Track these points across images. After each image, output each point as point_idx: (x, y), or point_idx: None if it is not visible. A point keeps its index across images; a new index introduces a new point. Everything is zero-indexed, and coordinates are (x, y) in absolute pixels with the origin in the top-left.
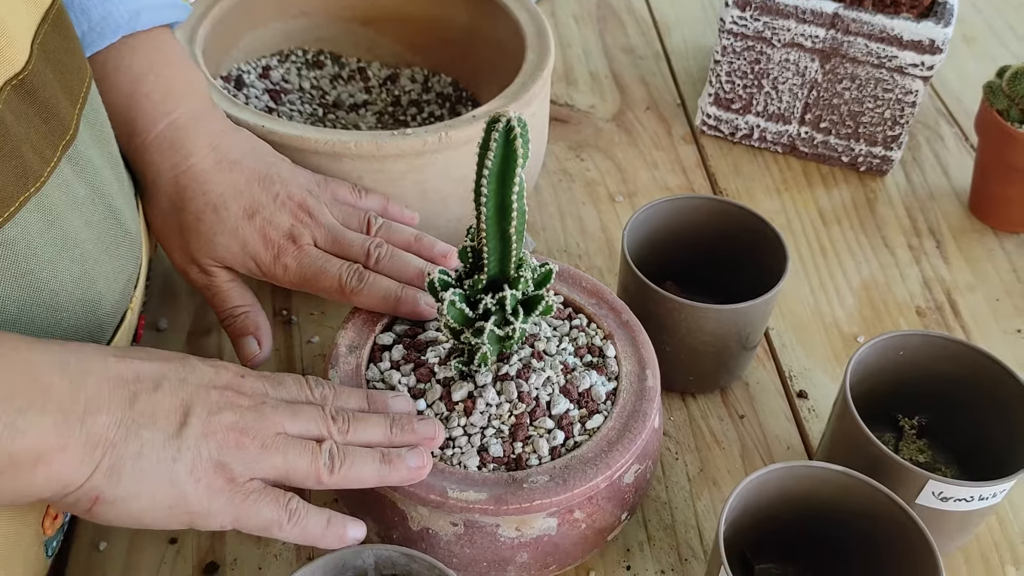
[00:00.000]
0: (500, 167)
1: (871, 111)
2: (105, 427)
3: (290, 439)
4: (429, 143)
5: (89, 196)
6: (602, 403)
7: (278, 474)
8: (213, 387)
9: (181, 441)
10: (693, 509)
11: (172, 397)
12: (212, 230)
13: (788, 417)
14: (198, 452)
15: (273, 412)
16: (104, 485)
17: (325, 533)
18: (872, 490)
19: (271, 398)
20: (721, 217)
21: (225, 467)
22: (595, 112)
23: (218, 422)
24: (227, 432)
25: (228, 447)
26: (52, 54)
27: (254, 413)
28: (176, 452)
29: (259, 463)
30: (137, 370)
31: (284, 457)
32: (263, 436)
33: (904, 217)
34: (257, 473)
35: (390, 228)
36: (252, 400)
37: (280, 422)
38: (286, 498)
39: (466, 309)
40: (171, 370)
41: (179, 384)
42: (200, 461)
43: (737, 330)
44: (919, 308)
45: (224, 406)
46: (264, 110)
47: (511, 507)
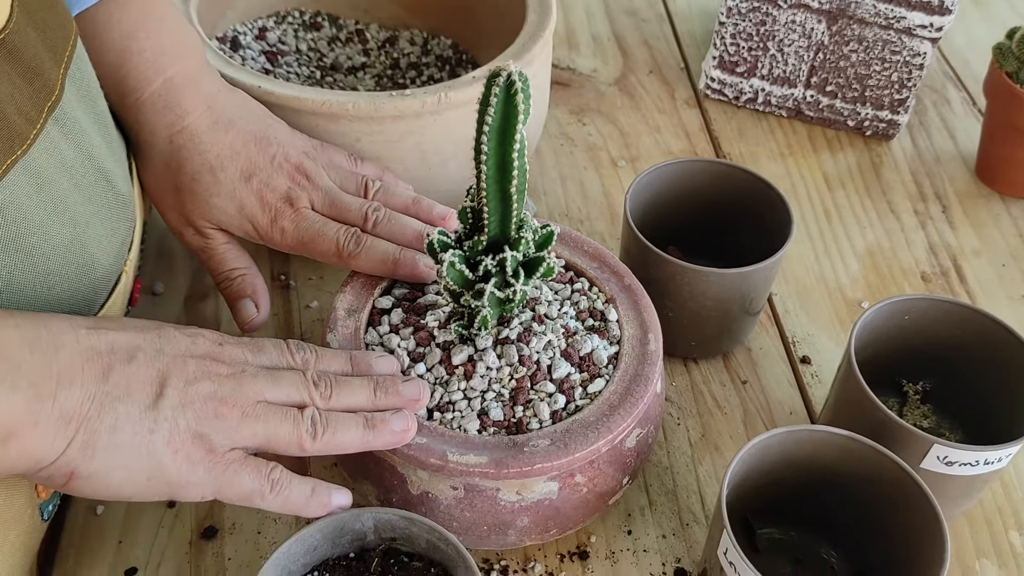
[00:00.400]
0: (501, 123)
1: (878, 74)
2: (78, 401)
3: (271, 407)
4: (428, 104)
5: (78, 158)
6: (604, 367)
7: (259, 443)
8: (190, 356)
9: (158, 412)
10: (695, 474)
11: (147, 368)
12: (208, 192)
13: (791, 382)
14: (175, 423)
15: (253, 380)
16: (78, 460)
17: (309, 502)
18: (876, 454)
19: (251, 366)
20: (725, 181)
21: (204, 437)
22: (597, 76)
23: (195, 392)
24: (205, 402)
25: (206, 417)
26: (34, 12)
27: (233, 382)
28: (153, 424)
29: (239, 432)
30: (110, 342)
31: (265, 425)
32: (243, 405)
33: (910, 182)
34: (237, 443)
35: (387, 191)
36: (231, 368)
37: (260, 390)
38: (268, 467)
39: (466, 271)
40: (146, 341)
41: (154, 355)
42: (178, 432)
43: (740, 295)
44: (924, 273)
45: (202, 376)
46: (260, 72)
47: (512, 471)
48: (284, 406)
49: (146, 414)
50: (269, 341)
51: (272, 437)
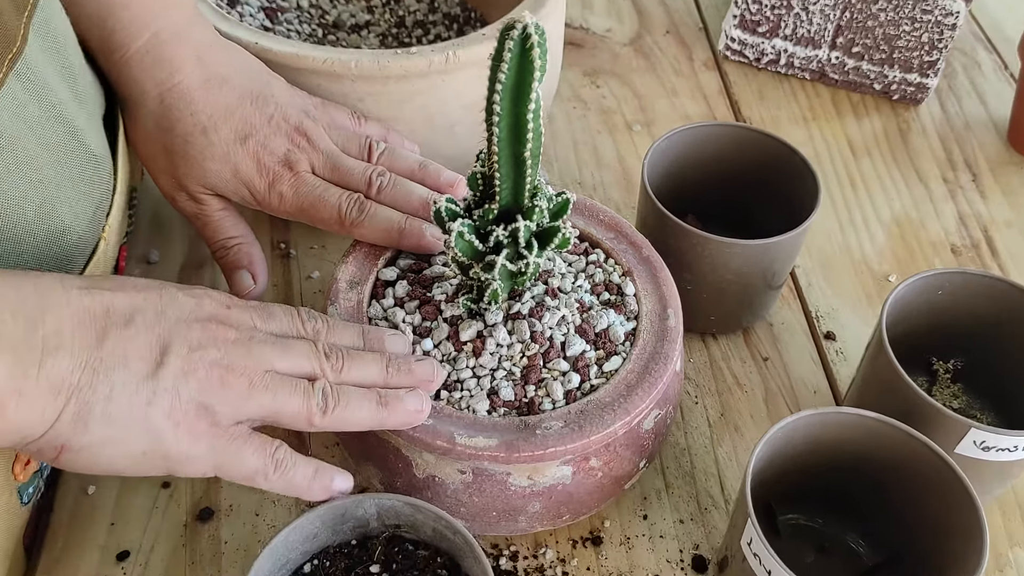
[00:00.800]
0: (515, 81)
1: (908, 35)
2: (68, 370)
3: (280, 377)
4: (435, 63)
5: (44, 115)
6: (620, 344)
7: (266, 415)
8: (195, 320)
9: (157, 382)
10: (714, 456)
11: (147, 333)
12: (201, 155)
13: (815, 360)
14: (177, 393)
15: (261, 347)
16: (70, 433)
17: (311, 485)
18: (908, 438)
19: (259, 332)
20: (747, 146)
21: (208, 409)
22: (612, 36)
23: (200, 359)
24: (210, 369)
25: (212, 386)
26: None
27: (241, 348)
28: (151, 394)
29: (246, 404)
30: (106, 303)
31: (273, 397)
32: (250, 374)
33: (939, 149)
34: (243, 415)
35: (393, 154)
36: (239, 334)
37: (269, 358)
38: (273, 446)
39: (475, 241)
40: (146, 302)
41: (155, 318)
42: (179, 403)
43: (763, 268)
44: (954, 246)
45: (207, 341)
46: (259, 30)
47: (523, 455)
48: (293, 377)
49: (145, 383)
50: (279, 307)
51: (280, 410)
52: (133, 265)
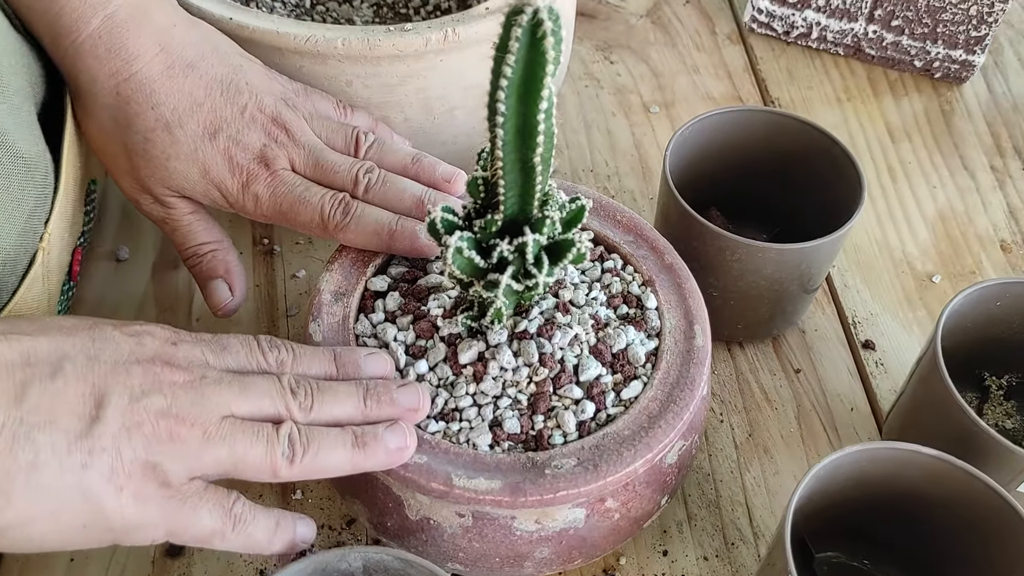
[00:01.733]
0: (523, 76)
1: (954, 7)
2: None
3: (239, 423)
4: (433, 42)
5: None
6: (640, 367)
7: (224, 469)
8: (135, 362)
9: (93, 440)
10: (741, 482)
11: (78, 383)
12: (165, 154)
13: (852, 372)
14: (118, 452)
15: (216, 389)
16: None
17: (272, 540)
18: (969, 478)
19: (213, 369)
20: (779, 134)
21: (156, 468)
22: (627, 6)
23: (144, 409)
24: (156, 421)
25: (159, 441)
26: None
27: (191, 392)
28: (87, 456)
29: (200, 459)
30: (27, 351)
31: (231, 448)
32: (204, 423)
33: (985, 133)
34: (196, 471)
35: (383, 147)
36: (188, 375)
37: (226, 401)
38: (230, 500)
39: (476, 258)
40: (75, 346)
41: (88, 363)
42: (121, 463)
43: (799, 273)
44: (1004, 242)
45: (151, 387)
46: (239, 2)
47: (530, 498)
48: (256, 421)
49: (78, 444)
50: (236, 338)
51: (240, 462)
52: (99, 264)
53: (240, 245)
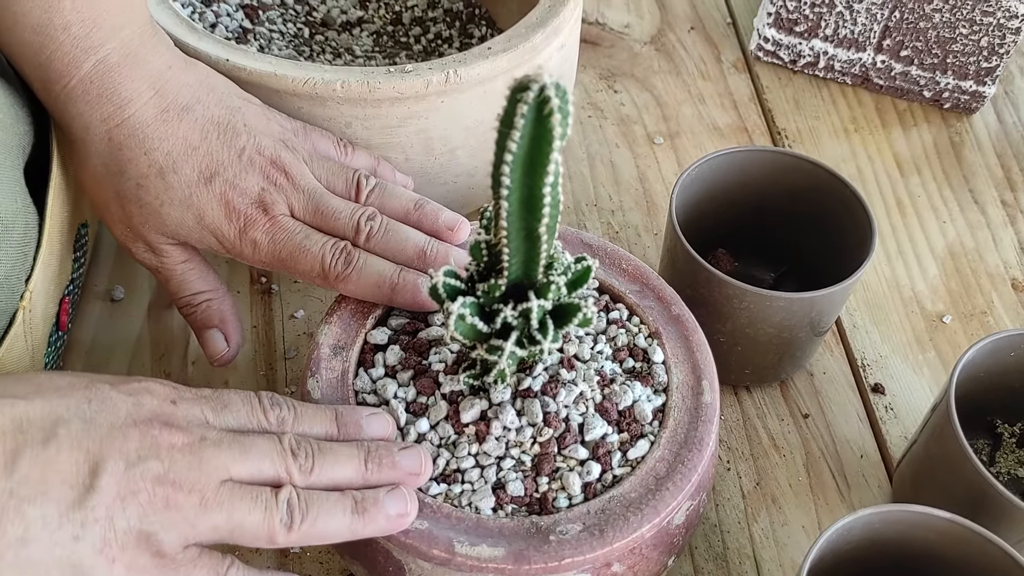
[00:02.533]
0: (528, 150)
1: (964, 38)
2: None
3: (237, 488)
4: (434, 84)
5: None
6: (647, 424)
7: (220, 536)
8: (132, 425)
9: (86, 512)
10: (748, 533)
11: (72, 449)
12: (159, 200)
13: (861, 416)
14: (110, 524)
15: (215, 452)
16: None
17: None
18: (985, 543)
19: (213, 429)
20: (788, 174)
21: (151, 537)
22: (630, 33)
23: (140, 476)
24: (153, 489)
25: (155, 510)
26: None
27: (189, 456)
28: (79, 528)
29: (196, 526)
30: (19, 416)
31: (229, 515)
32: (202, 488)
33: (996, 166)
34: (192, 539)
35: (384, 192)
36: (187, 436)
37: (225, 464)
38: (224, 566)
39: (479, 324)
40: (70, 409)
41: (83, 428)
42: (115, 535)
43: (809, 319)
44: (1015, 280)
45: (148, 452)
46: (237, 32)
47: (535, 566)
48: (255, 485)
49: (69, 515)
50: (237, 394)
51: (237, 528)
52: (93, 305)
53: (237, 284)
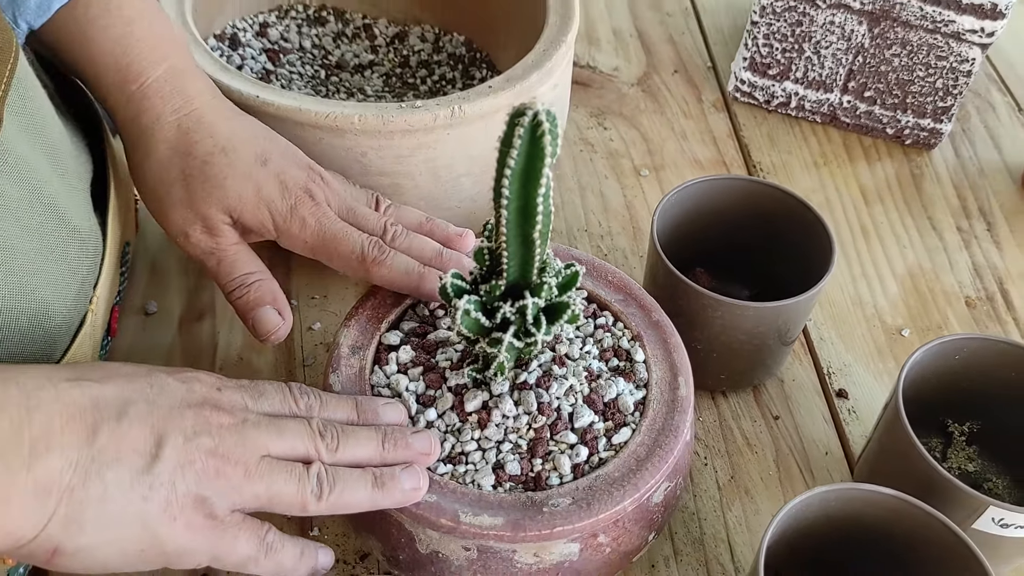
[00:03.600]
0: (524, 166)
1: (921, 80)
2: (58, 471)
3: (275, 463)
4: (441, 118)
5: (24, 198)
6: (630, 415)
7: (261, 504)
8: (187, 406)
9: (153, 476)
10: (723, 520)
11: (140, 425)
12: (222, 173)
13: (826, 418)
14: (173, 487)
15: (256, 431)
16: (62, 536)
17: (298, 565)
18: (927, 516)
19: (252, 413)
20: (758, 200)
21: (205, 501)
22: (619, 75)
23: (195, 448)
24: (207, 459)
25: (208, 477)
26: None
27: (235, 434)
28: (148, 490)
29: (241, 494)
30: (95, 396)
31: (268, 485)
32: (246, 461)
33: (952, 196)
34: (237, 504)
35: (399, 209)
36: (232, 418)
37: (264, 443)
38: (263, 530)
39: (482, 319)
40: (137, 392)
41: (147, 408)
42: (176, 497)
43: (776, 328)
44: (968, 299)
45: (201, 429)
46: (260, 73)
47: (530, 533)
48: (288, 461)
49: (140, 479)
50: (271, 384)
51: (275, 497)
52: (130, 319)
53: None
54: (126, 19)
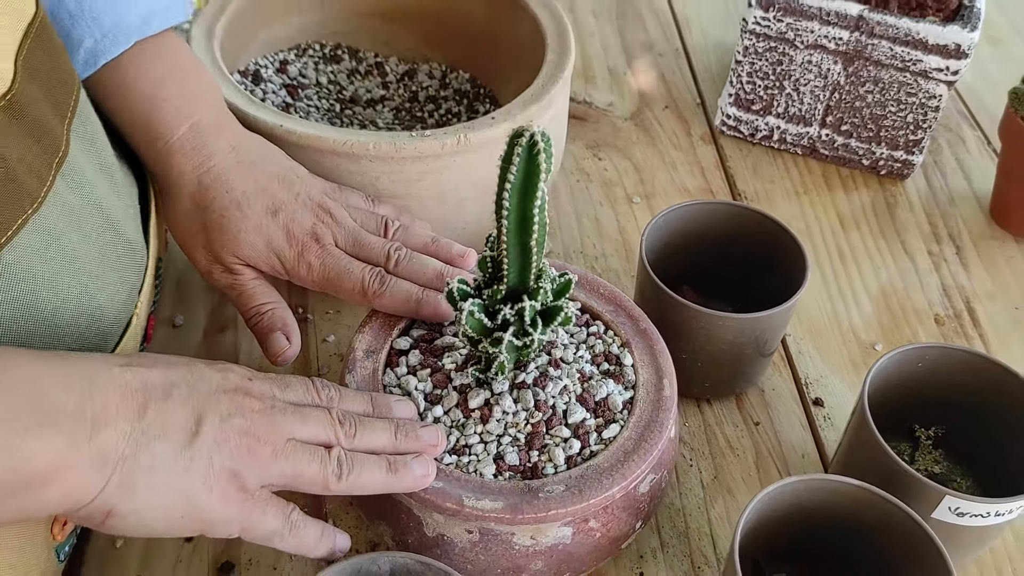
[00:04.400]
0: (523, 180)
1: (893, 115)
2: (115, 441)
3: (299, 445)
4: (448, 145)
5: (85, 210)
6: (618, 412)
7: (287, 481)
8: (223, 392)
9: (193, 451)
10: (707, 516)
11: (183, 406)
12: (237, 227)
13: (803, 425)
14: (210, 461)
15: (283, 417)
16: (116, 499)
17: (318, 544)
18: (888, 505)
19: (279, 401)
20: (740, 222)
21: (238, 475)
22: (613, 110)
23: (230, 428)
24: (240, 438)
25: (240, 454)
26: (37, 69)
27: (264, 418)
28: (188, 462)
29: (270, 470)
30: (144, 379)
31: (294, 464)
32: (274, 442)
33: (924, 223)
34: (266, 481)
35: (407, 231)
36: (262, 404)
37: (290, 427)
38: (289, 508)
39: (484, 319)
40: (180, 377)
41: (189, 391)
42: (213, 470)
43: (755, 338)
44: (938, 316)
45: (235, 411)
46: (281, 105)
47: (527, 516)
48: (311, 444)
49: (182, 452)
50: (295, 378)
51: (299, 476)
52: (160, 329)
53: None
54: (157, 80)
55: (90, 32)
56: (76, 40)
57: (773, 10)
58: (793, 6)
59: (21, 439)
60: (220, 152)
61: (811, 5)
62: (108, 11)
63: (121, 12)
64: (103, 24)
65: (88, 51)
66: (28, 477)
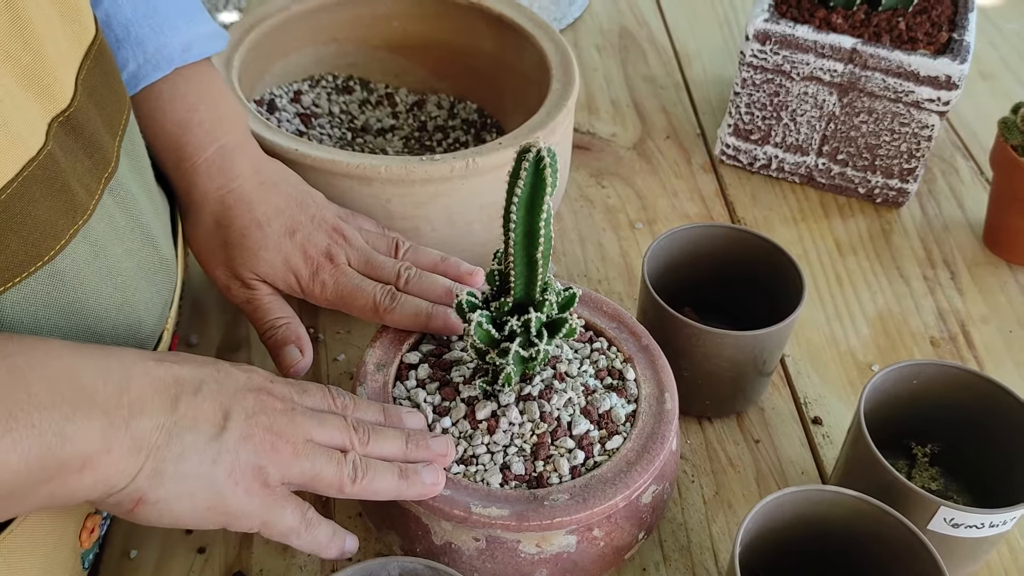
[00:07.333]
0: (529, 195)
1: (888, 144)
2: (148, 430)
3: (317, 447)
4: (456, 169)
5: (129, 225)
6: (621, 424)
7: (304, 480)
8: (248, 390)
9: (221, 444)
10: (708, 531)
11: (212, 401)
12: (257, 245)
13: (803, 442)
14: (236, 455)
15: (303, 418)
16: (147, 487)
17: (330, 544)
18: (884, 515)
19: (299, 404)
20: (739, 245)
21: (261, 470)
22: (616, 140)
23: (255, 424)
24: (264, 434)
25: (264, 450)
26: (94, 89)
27: (286, 417)
28: (216, 455)
29: (290, 468)
30: (176, 374)
31: (312, 464)
32: (294, 441)
33: (919, 249)
34: (287, 478)
35: (417, 251)
36: (283, 404)
37: (309, 429)
38: (305, 507)
39: (492, 330)
40: (208, 375)
41: (217, 388)
42: (239, 464)
43: (754, 356)
44: (933, 339)
45: (259, 409)
46: (295, 133)
47: (532, 524)
48: (328, 447)
49: (210, 445)
50: (313, 384)
51: (316, 476)
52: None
53: None
54: (191, 104)
55: (134, 56)
56: (120, 63)
57: (769, 43)
58: (789, 39)
59: (60, 424)
60: (244, 174)
61: (806, 39)
62: (152, 38)
63: (164, 39)
64: (147, 50)
65: (130, 74)
66: (65, 461)
